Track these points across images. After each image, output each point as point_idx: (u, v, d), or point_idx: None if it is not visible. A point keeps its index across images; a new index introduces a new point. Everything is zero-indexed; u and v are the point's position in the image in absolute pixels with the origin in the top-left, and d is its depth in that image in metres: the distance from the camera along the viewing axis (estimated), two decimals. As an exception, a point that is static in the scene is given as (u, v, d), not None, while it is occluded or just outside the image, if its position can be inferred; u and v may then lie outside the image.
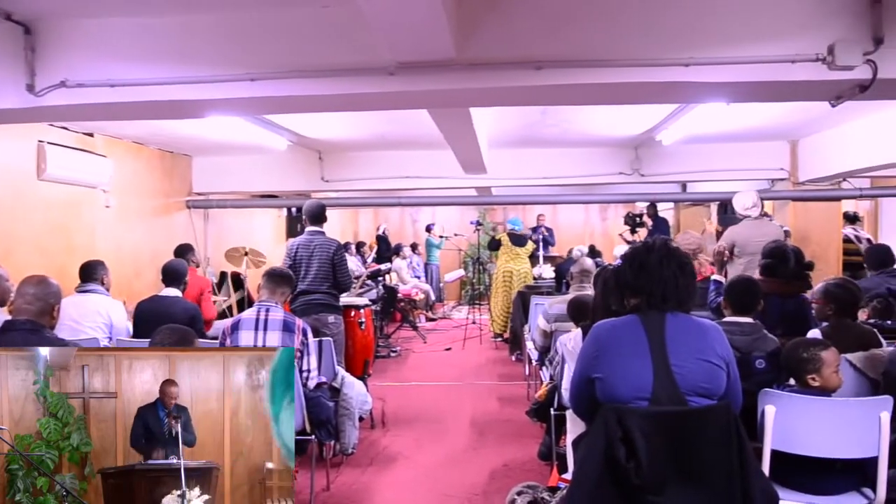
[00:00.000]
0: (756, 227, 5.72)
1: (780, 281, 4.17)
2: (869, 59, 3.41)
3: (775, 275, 4.20)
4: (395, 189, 9.31)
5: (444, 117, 5.08)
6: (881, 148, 6.92)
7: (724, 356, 2.42)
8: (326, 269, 5.17)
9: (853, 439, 2.76)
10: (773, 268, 4.22)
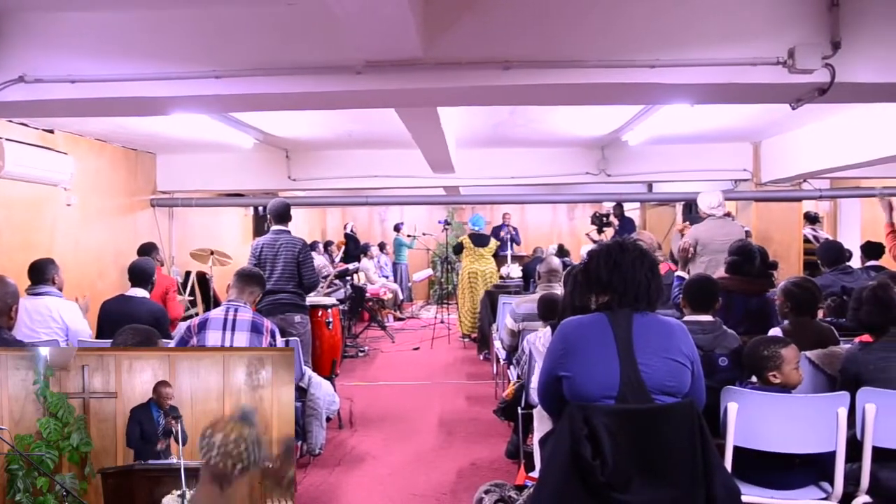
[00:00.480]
0: (719, 226, 5.80)
1: (746, 279, 4.24)
2: (827, 63, 3.49)
3: (741, 273, 4.27)
4: (363, 188, 9.28)
5: (412, 116, 5.08)
6: (840, 150, 7.08)
7: (690, 355, 2.45)
8: (292, 269, 5.13)
9: (812, 435, 2.83)
10: (739, 266, 4.29)
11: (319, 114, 6.43)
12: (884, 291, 3.03)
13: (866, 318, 3.06)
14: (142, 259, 5.26)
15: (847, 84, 3.57)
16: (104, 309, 4.78)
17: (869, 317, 3.05)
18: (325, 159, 8.85)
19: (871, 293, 3.04)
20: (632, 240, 2.60)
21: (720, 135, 8.00)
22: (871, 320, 3.04)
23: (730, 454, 2.83)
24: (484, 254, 9.08)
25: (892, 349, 2.96)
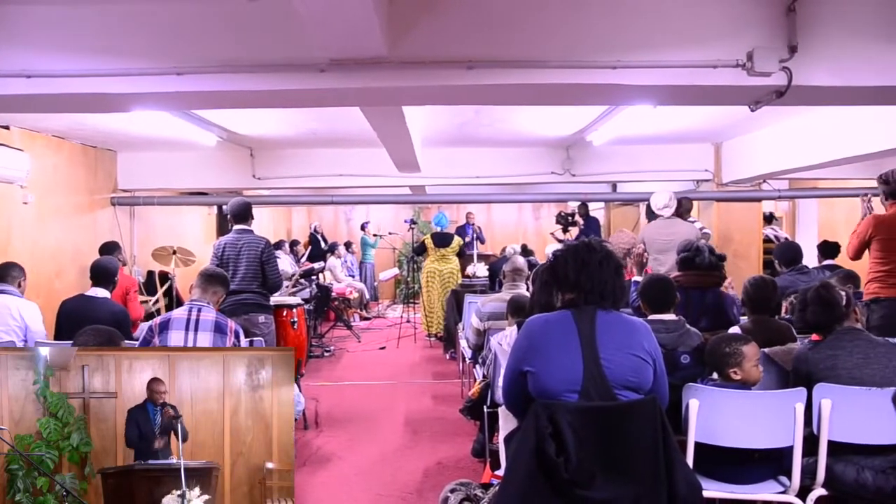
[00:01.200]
0: (664, 226, 5.88)
1: (698, 273, 4.30)
2: (784, 67, 3.57)
3: (692, 267, 4.33)
4: (329, 187, 9.22)
5: (377, 115, 5.06)
6: (798, 151, 7.24)
7: (652, 351, 2.49)
8: (255, 269, 5.07)
9: (770, 430, 2.88)
10: (689, 261, 4.35)
11: (284, 112, 6.37)
12: (827, 292, 3.10)
13: (812, 318, 3.14)
14: (105, 258, 5.16)
15: (803, 87, 3.65)
16: (63, 309, 4.68)
17: (815, 317, 3.12)
18: (289, 158, 8.79)
19: (816, 294, 3.12)
20: (599, 241, 2.64)
21: (682, 136, 8.12)
22: (817, 320, 3.12)
23: (691, 450, 2.87)
24: (446, 253, 9.05)
25: (838, 347, 3.03)
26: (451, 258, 9.09)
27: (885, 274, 4.44)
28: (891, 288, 4.41)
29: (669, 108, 5.98)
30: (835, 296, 3.09)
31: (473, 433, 4.85)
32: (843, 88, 3.72)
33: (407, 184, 9.31)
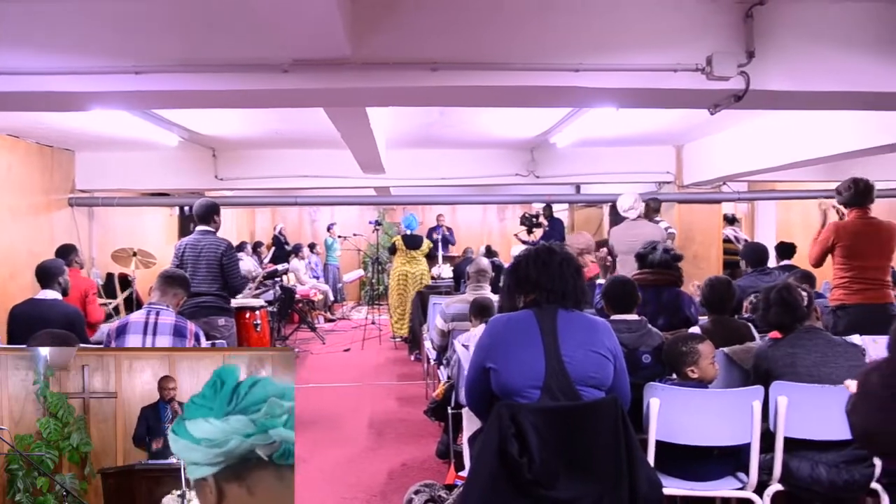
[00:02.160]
0: (629, 227, 5.96)
1: (653, 271, 4.37)
2: (742, 71, 3.64)
3: (645, 265, 4.40)
4: (293, 188, 9.15)
5: (341, 116, 5.03)
6: (756, 154, 7.39)
7: (612, 349, 2.54)
8: (216, 271, 5.00)
9: (729, 428, 2.93)
10: (644, 257, 4.43)
11: (247, 112, 6.31)
12: (789, 293, 3.17)
13: (775, 318, 3.21)
14: (49, 259, 5.01)
15: (761, 91, 3.72)
16: (13, 315, 4.55)
17: (777, 317, 3.20)
18: (253, 158, 8.69)
19: (778, 295, 3.19)
20: (560, 244, 2.71)
21: (644, 138, 8.23)
22: (780, 320, 3.19)
23: (652, 448, 2.91)
24: (416, 255, 9.05)
25: (798, 345, 3.10)
26: (421, 260, 9.10)
27: (849, 280, 4.48)
28: (855, 294, 4.45)
29: (632, 111, 6.05)
30: (796, 297, 3.16)
31: (438, 434, 4.85)
32: (799, 93, 3.80)
33: (372, 185, 9.27)
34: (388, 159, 7.76)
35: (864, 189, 4.53)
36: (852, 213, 4.56)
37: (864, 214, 4.54)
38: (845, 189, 4.56)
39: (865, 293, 4.43)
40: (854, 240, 4.47)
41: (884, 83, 3.77)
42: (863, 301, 4.42)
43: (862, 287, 4.44)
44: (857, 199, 4.53)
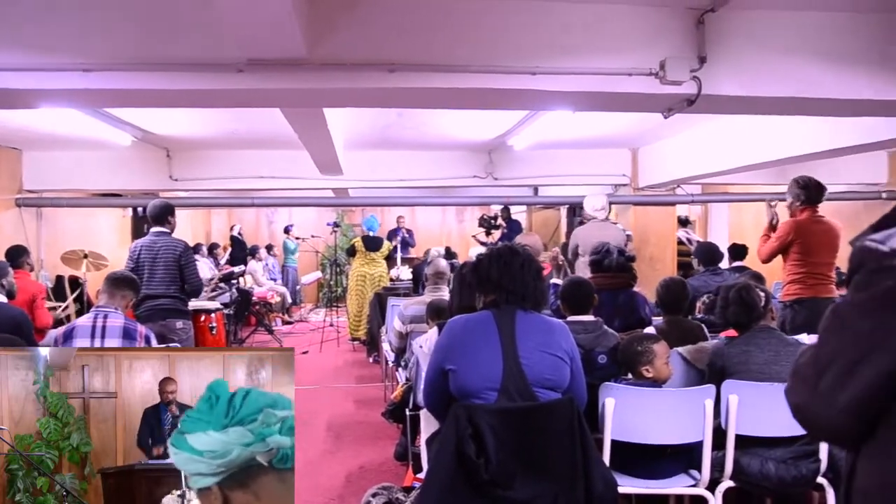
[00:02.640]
0: (598, 228, 6.01)
1: (608, 275, 4.43)
2: (695, 76, 3.71)
3: (601, 269, 4.46)
4: (250, 189, 9.03)
5: (297, 117, 4.99)
6: (709, 158, 7.54)
7: (569, 351, 2.56)
8: (173, 272, 4.91)
9: (682, 426, 2.98)
10: (599, 263, 4.49)
11: (201, 111, 6.20)
12: (747, 293, 3.24)
13: (733, 317, 3.28)
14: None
15: (712, 96, 3.80)
16: (-43, 318, 4.39)
17: (735, 316, 3.26)
18: (208, 159, 8.56)
19: (737, 294, 3.25)
20: (521, 246, 2.72)
21: (601, 141, 8.33)
22: (738, 319, 3.26)
23: (607, 448, 2.94)
24: (375, 257, 9.01)
25: (752, 344, 3.17)
26: (380, 262, 9.05)
27: (805, 275, 4.61)
28: (811, 288, 4.59)
29: (588, 115, 6.11)
30: (755, 297, 3.23)
31: (396, 437, 4.83)
32: (748, 98, 3.89)
33: (330, 186, 9.21)
34: (347, 160, 7.72)
35: (819, 189, 4.69)
36: (805, 212, 4.68)
37: (815, 213, 4.69)
38: (803, 187, 4.68)
39: (817, 288, 4.60)
40: (810, 237, 4.62)
41: (830, 90, 3.88)
42: (816, 295, 4.57)
43: (815, 282, 4.61)
44: (814, 198, 4.67)
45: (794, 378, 1.26)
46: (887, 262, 1.10)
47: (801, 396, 1.23)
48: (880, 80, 3.87)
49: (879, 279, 1.10)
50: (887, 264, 1.10)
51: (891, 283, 1.09)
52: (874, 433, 1.14)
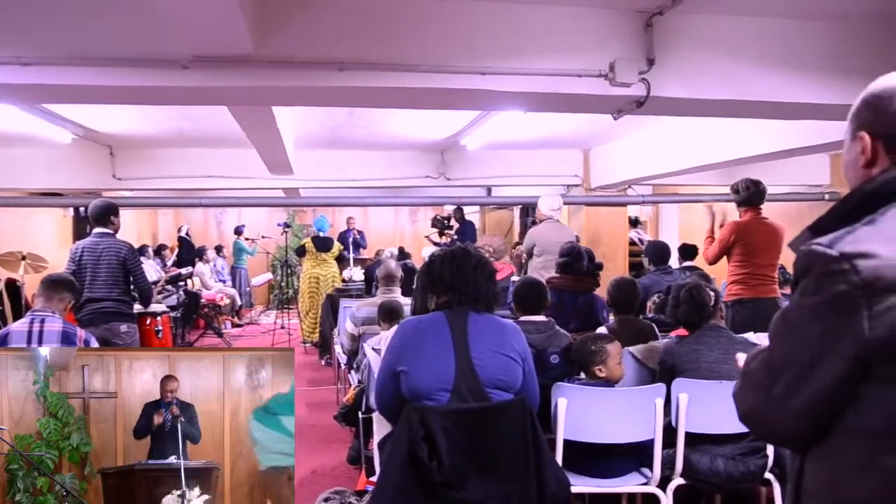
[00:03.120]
0: (557, 228, 6.05)
1: (575, 278, 4.47)
2: (643, 78, 3.76)
3: (570, 272, 4.50)
4: (197, 189, 8.87)
5: (245, 115, 4.91)
6: (660, 159, 7.68)
7: (521, 352, 2.57)
8: (116, 275, 4.77)
9: (633, 425, 3.02)
10: (569, 266, 4.52)
11: (147, 109, 6.06)
12: (698, 293, 3.29)
13: (684, 316, 3.33)
14: None
15: (661, 98, 3.86)
16: None
17: (686, 315, 3.32)
18: (154, 157, 8.37)
19: (688, 294, 3.30)
20: (474, 247, 2.75)
21: (553, 142, 8.41)
22: (688, 318, 3.32)
23: (560, 448, 2.96)
24: (326, 258, 8.94)
25: (702, 342, 3.22)
26: (332, 263, 8.99)
27: (747, 276, 4.70)
28: (752, 289, 4.68)
29: (539, 115, 6.14)
30: (705, 296, 3.28)
31: (349, 440, 4.79)
32: (695, 100, 3.97)
33: (280, 186, 9.10)
34: (297, 160, 7.64)
35: (761, 191, 4.78)
36: (748, 213, 4.78)
37: (758, 215, 4.78)
38: (744, 189, 4.77)
39: (759, 288, 4.69)
40: (752, 238, 4.71)
41: (773, 93, 3.99)
42: (758, 296, 4.66)
43: (757, 283, 4.70)
44: (755, 199, 4.77)
45: (745, 382, 1.27)
46: (836, 266, 1.11)
47: (752, 402, 1.23)
48: (821, 85, 3.99)
49: (829, 283, 1.11)
50: (836, 268, 1.10)
51: (843, 288, 1.09)
52: (826, 436, 1.15)
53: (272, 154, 6.69)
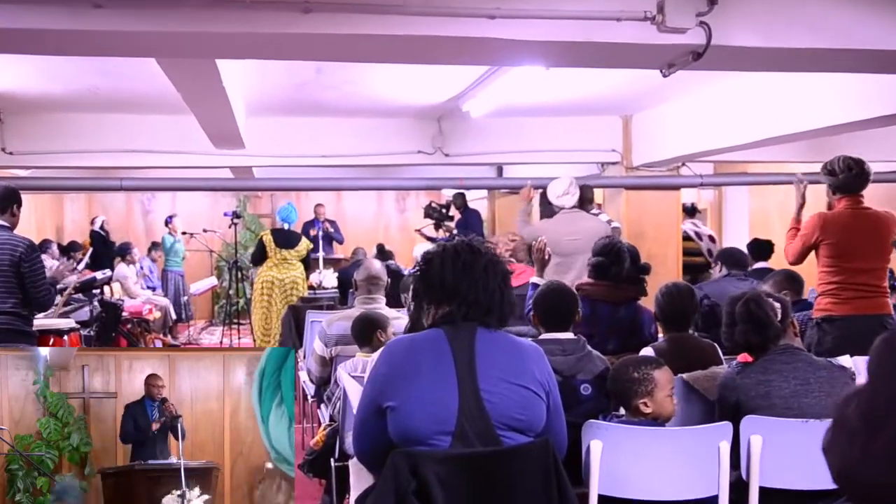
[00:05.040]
0: (568, 221, 6.01)
1: (612, 285, 4.44)
2: (702, 22, 3.74)
3: (607, 276, 4.46)
4: (117, 167, 8.87)
5: (181, 71, 4.90)
6: (724, 128, 7.63)
7: (545, 383, 2.55)
8: (10, 280, 4.77)
9: (690, 477, 3.00)
10: (605, 268, 4.47)
11: (47, 61, 6.03)
12: (757, 306, 3.26)
13: (742, 337, 3.30)
14: None
15: (725, 48, 3.85)
16: None
17: (744, 336, 3.29)
18: (58, 125, 8.38)
19: (744, 309, 3.27)
20: (481, 241, 2.69)
21: (583, 107, 8.40)
22: (747, 340, 3.29)
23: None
24: (288, 257, 8.93)
25: (772, 370, 3.20)
26: (295, 264, 8.97)
27: (837, 287, 4.59)
28: (844, 304, 4.56)
29: (565, 72, 6.14)
30: (767, 310, 3.25)
31: (318, 495, 4.81)
32: (771, 50, 3.95)
33: (227, 164, 9.10)
34: (249, 130, 7.66)
35: (865, 173, 4.60)
36: (843, 201, 4.63)
37: (857, 203, 4.63)
38: (843, 170, 4.58)
39: (857, 302, 4.56)
40: (844, 236, 4.58)
41: (875, 39, 3.96)
42: (854, 312, 4.54)
43: (853, 295, 4.57)
44: (851, 184, 4.60)
45: (838, 432, 1.24)
46: None
47: (847, 458, 1.21)
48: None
49: None
50: None
51: None
52: None
53: (217, 123, 6.70)
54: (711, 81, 7.11)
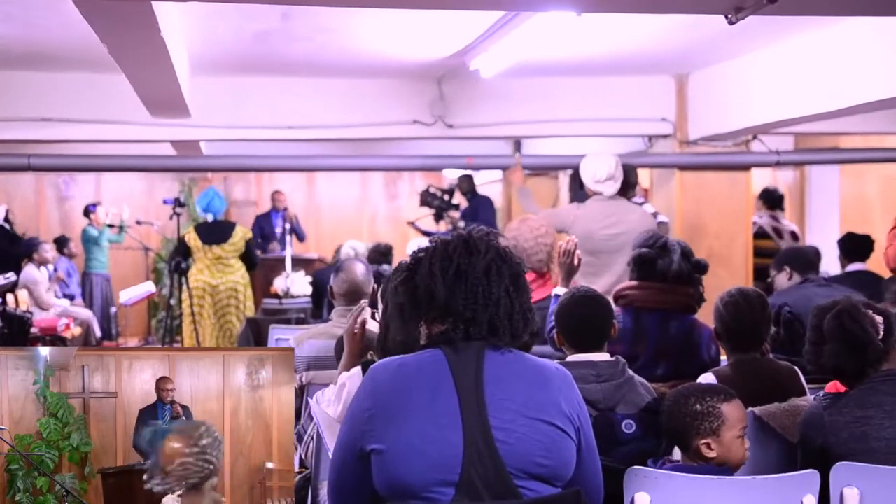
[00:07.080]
0: (604, 211, 5.96)
1: (660, 288, 4.42)
2: (781, -49, 3.76)
3: (653, 276, 4.44)
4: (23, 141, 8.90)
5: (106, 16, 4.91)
6: (808, 89, 7.59)
7: (574, 417, 2.54)
8: None
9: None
10: (650, 265, 4.45)
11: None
12: (851, 320, 3.22)
13: (832, 361, 3.26)
14: None
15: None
16: None
17: (835, 359, 3.25)
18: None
19: (836, 323, 3.23)
20: (484, 233, 2.65)
21: (625, 64, 8.39)
22: (839, 363, 3.25)
23: (639, 577, 2.96)
24: (222, 255, 8.91)
25: (871, 404, 3.19)
26: (233, 264, 8.95)
27: None
28: None
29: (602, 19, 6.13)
30: (865, 325, 3.23)
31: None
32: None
33: (167, 138, 9.14)
34: (195, 94, 7.67)
35: None
36: None
37: None
38: None
39: None
40: None
41: None
42: None
43: None
44: None
45: None
46: None
47: None
48: None
49: None
50: None
51: None
52: None
53: (154, 85, 6.72)
54: (791, 31, 7.11)
